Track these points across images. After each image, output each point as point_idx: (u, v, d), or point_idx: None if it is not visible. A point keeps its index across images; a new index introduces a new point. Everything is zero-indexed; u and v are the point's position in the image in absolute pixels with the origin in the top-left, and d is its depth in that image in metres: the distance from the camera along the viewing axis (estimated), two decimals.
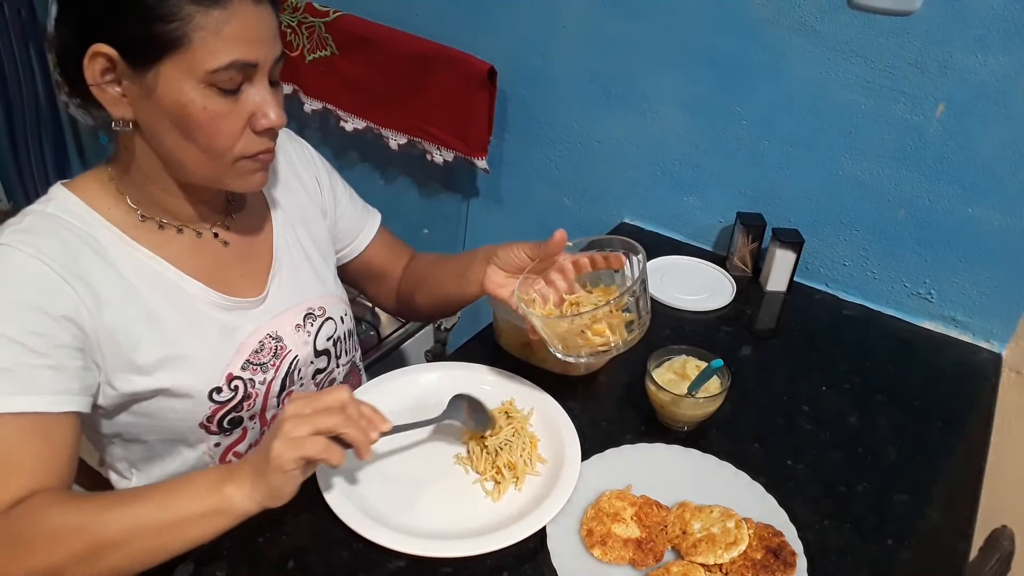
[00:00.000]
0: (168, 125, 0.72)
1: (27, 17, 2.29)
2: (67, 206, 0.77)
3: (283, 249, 0.93)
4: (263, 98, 0.74)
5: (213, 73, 0.69)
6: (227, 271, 0.86)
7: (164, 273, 0.80)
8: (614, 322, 0.85)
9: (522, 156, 1.59)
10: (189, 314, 0.81)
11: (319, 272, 0.97)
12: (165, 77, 0.69)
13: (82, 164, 2.63)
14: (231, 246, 0.87)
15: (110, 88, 0.71)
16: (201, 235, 0.85)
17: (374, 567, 0.73)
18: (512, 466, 0.84)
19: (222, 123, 0.72)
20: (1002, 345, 1.17)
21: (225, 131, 0.73)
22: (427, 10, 1.55)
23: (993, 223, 1.11)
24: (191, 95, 0.70)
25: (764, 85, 1.22)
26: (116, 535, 0.67)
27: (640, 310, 0.85)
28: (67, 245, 0.74)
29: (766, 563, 0.73)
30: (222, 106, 0.72)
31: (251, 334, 0.86)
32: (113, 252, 0.77)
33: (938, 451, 0.94)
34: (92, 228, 0.77)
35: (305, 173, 1.00)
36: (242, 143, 0.75)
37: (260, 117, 0.74)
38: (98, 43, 0.68)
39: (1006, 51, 1.01)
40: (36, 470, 0.70)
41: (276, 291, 0.90)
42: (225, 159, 0.75)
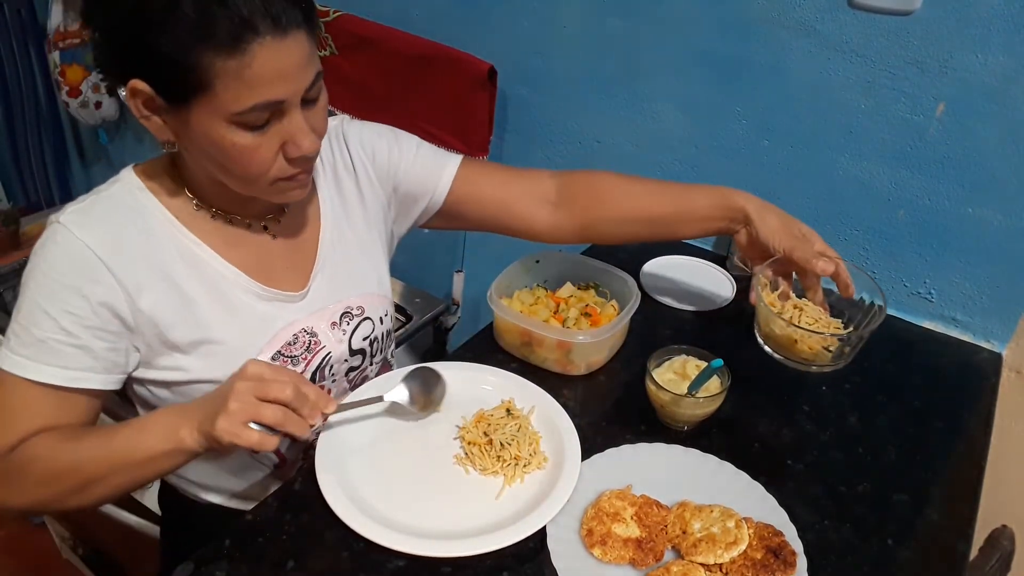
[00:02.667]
0: (206, 157, 0.76)
1: (27, 17, 2.29)
2: (129, 188, 0.82)
3: (328, 247, 0.93)
4: (295, 127, 0.74)
5: (239, 115, 0.70)
6: (271, 263, 0.88)
7: (207, 260, 0.83)
8: (823, 345, 0.89)
9: (522, 156, 1.59)
10: (226, 301, 0.84)
11: (364, 271, 0.97)
12: (196, 116, 0.71)
13: (82, 164, 2.63)
14: (278, 239, 0.90)
15: (153, 118, 0.74)
16: (251, 226, 0.88)
17: (374, 567, 0.73)
18: (518, 459, 0.84)
19: (252, 156, 0.74)
20: (1002, 345, 1.17)
21: (256, 161, 0.75)
22: (427, 10, 1.55)
23: (993, 223, 1.11)
24: (221, 132, 0.72)
25: (764, 85, 1.22)
26: (98, 472, 0.75)
27: (847, 350, 0.89)
28: (118, 230, 0.78)
29: (766, 563, 0.73)
30: (252, 141, 0.73)
31: (286, 327, 0.88)
32: (162, 236, 0.81)
33: (938, 451, 0.94)
34: (147, 211, 0.81)
35: (358, 165, 0.97)
36: (276, 168, 0.76)
37: (290, 146, 0.75)
38: (135, 80, 0.70)
39: (1006, 51, 1.01)
40: (42, 426, 0.77)
41: (316, 289, 0.91)
42: (261, 183, 0.78)
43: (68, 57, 2.10)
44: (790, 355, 0.91)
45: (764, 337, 0.93)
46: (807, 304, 0.92)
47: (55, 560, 1.98)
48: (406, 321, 1.68)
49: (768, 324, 0.91)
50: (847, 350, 0.90)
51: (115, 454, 0.75)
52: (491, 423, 0.88)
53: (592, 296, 1.11)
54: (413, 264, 1.91)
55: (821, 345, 0.89)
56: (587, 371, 1.02)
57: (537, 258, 1.13)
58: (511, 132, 1.57)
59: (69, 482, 0.76)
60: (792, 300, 0.93)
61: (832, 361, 0.90)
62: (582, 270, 1.14)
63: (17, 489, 0.76)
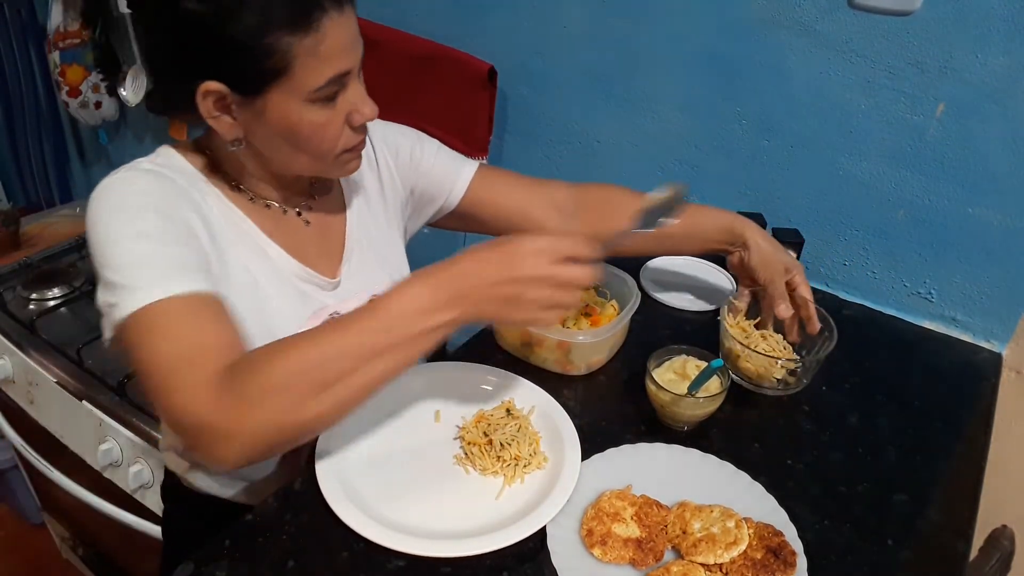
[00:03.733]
0: (279, 141, 0.79)
1: (27, 17, 2.29)
2: (172, 163, 0.82)
3: (355, 236, 0.96)
4: (357, 96, 0.79)
5: (316, 91, 0.74)
6: (307, 247, 0.90)
7: (253, 236, 0.85)
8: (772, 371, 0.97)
9: (522, 156, 1.59)
10: (273, 275, 0.86)
11: (387, 260, 1.00)
12: (272, 102, 0.74)
13: (82, 164, 2.63)
14: (312, 226, 0.92)
15: (223, 118, 0.76)
16: (286, 212, 0.90)
17: (374, 567, 0.73)
18: (518, 459, 0.84)
19: (326, 131, 0.78)
20: (1002, 345, 1.17)
21: (330, 136, 0.79)
22: (427, 10, 1.55)
23: (993, 223, 1.11)
24: (298, 114, 0.75)
25: (764, 85, 1.22)
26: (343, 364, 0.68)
27: (800, 377, 0.98)
28: (179, 186, 0.79)
29: (766, 563, 0.73)
30: (325, 116, 0.77)
31: (319, 309, 0.90)
32: (212, 207, 0.81)
33: (938, 451, 0.94)
34: (194, 184, 0.81)
35: (380, 161, 1.01)
36: (343, 140, 0.80)
37: (355, 114, 0.79)
38: (207, 81, 0.72)
39: (1006, 51, 1.01)
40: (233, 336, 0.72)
41: (348, 277, 0.94)
42: (330, 158, 0.81)
43: (68, 57, 2.10)
44: (737, 371, 1.00)
45: (722, 354, 1.00)
46: (768, 332, 1.03)
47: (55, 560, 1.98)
48: None
49: (722, 338, 1.01)
50: (792, 379, 0.98)
51: (366, 338, 0.68)
52: (491, 423, 0.88)
53: (592, 296, 1.10)
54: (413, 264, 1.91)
55: (767, 368, 0.97)
56: (587, 371, 1.02)
57: None
58: (511, 132, 1.58)
59: (310, 380, 0.67)
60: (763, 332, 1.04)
61: (781, 386, 0.99)
62: None
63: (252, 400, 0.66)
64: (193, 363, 0.67)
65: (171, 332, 0.68)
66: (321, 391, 0.67)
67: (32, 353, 1.55)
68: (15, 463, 1.89)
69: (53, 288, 1.73)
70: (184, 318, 0.69)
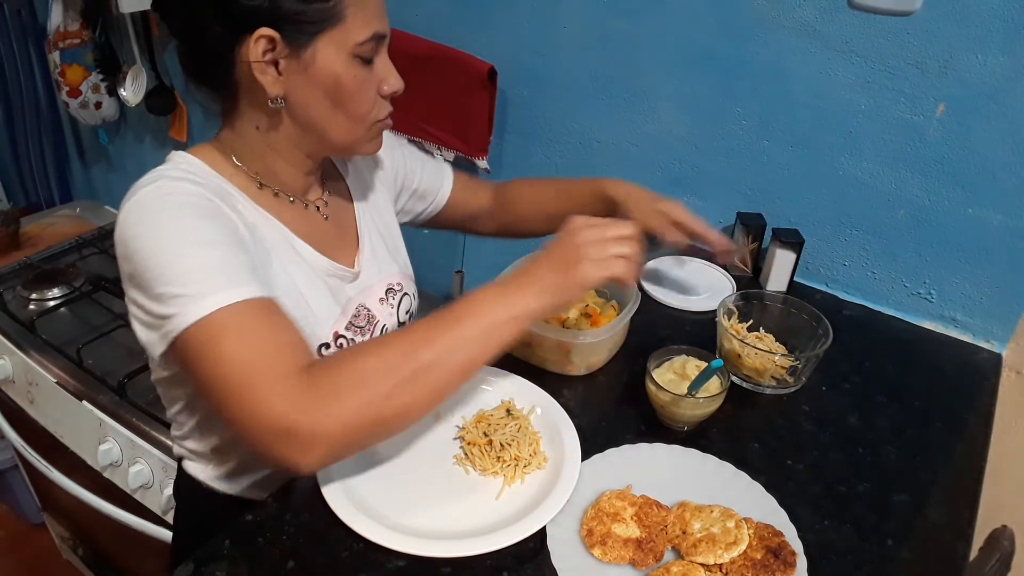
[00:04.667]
0: (320, 96, 0.80)
1: (27, 17, 2.29)
2: (191, 168, 0.81)
3: (364, 228, 0.99)
4: (387, 66, 0.84)
5: (360, 45, 0.78)
6: (329, 241, 0.92)
7: (284, 235, 0.86)
8: (769, 369, 0.99)
9: (522, 156, 1.59)
10: (306, 273, 0.87)
11: (392, 252, 1.03)
12: (322, 52, 0.77)
13: (82, 164, 2.63)
14: (329, 220, 0.94)
15: (269, 69, 0.77)
16: (307, 207, 0.92)
17: (374, 567, 0.73)
18: (518, 459, 0.84)
19: (366, 91, 0.82)
20: (1002, 345, 1.17)
21: (368, 98, 0.82)
22: (427, 10, 1.55)
23: (993, 223, 1.11)
24: (344, 65, 0.78)
25: (764, 85, 1.22)
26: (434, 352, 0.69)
27: (798, 376, 1.00)
28: (208, 189, 0.78)
29: (766, 563, 0.73)
30: (364, 75, 0.81)
31: (348, 301, 0.92)
32: (241, 207, 0.82)
33: (938, 451, 0.94)
34: (221, 187, 0.82)
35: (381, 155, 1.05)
36: (376, 108, 0.84)
37: (384, 84, 0.83)
38: (263, 28, 0.74)
39: (1006, 51, 1.01)
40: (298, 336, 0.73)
41: (365, 267, 0.96)
42: (364, 123, 0.84)
43: (68, 57, 2.10)
44: (736, 371, 1.01)
45: (721, 355, 1.01)
46: (764, 335, 1.05)
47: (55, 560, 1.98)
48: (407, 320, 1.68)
49: (720, 339, 1.02)
50: (791, 378, 1.00)
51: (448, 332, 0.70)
52: (491, 423, 0.88)
53: (592, 296, 1.11)
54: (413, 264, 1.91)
55: (766, 366, 0.98)
56: (587, 371, 1.02)
57: None
58: (511, 132, 1.58)
59: (400, 371, 0.68)
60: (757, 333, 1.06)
61: (780, 386, 1.00)
62: None
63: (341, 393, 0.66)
64: (270, 367, 0.66)
65: (243, 338, 0.67)
66: (407, 382, 0.68)
67: (32, 353, 1.56)
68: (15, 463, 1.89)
69: (53, 288, 1.73)
70: (253, 323, 0.69)
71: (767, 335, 1.05)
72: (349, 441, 0.68)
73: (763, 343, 1.03)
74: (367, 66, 0.81)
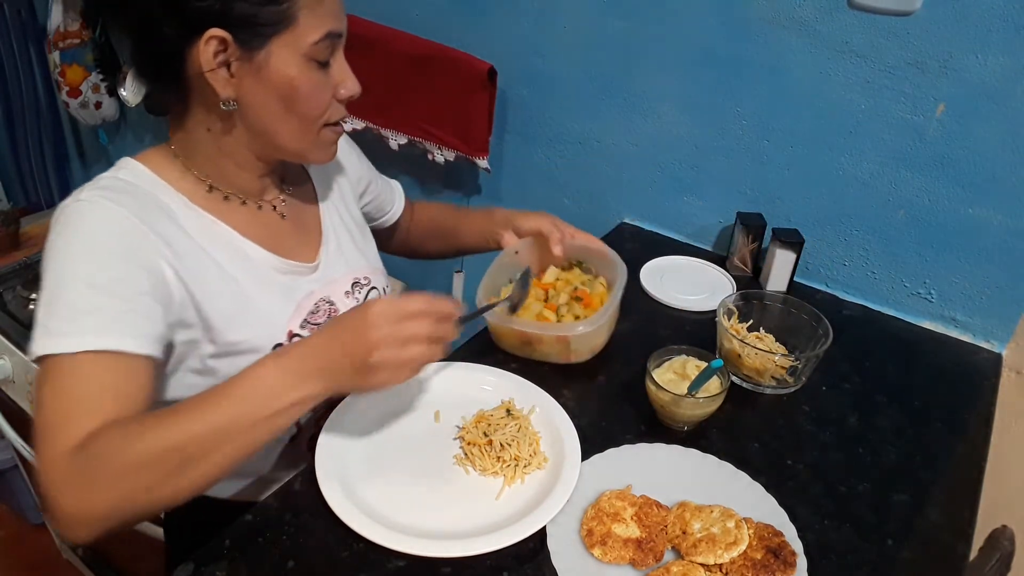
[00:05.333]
0: (273, 99, 0.79)
1: (27, 17, 2.29)
2: (136, 174, 0.82)
3: (329, 224, 0.99)
4: (343, 69, 0.83)
5: (315, 46, 0.77)
6: (284, 239, 0.91)
7: (227, 236, 0.85)
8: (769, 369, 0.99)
9: (522, 156, 1.59)
10: (253, 273, 0.86)
11: (360, 246, 1.03)
12: (275, 55, 0.76)
13: (82, 164, 2.64)
14: (287, 218, 0.93)
15: (220, 71, 0.76)
16: (261, 207, 0.91)
17: (374, 567, 0.73)
18: (518, 459, 0.84)
19: (320, 93, 0.81)
20: (1002, 345, 1.17)
21: (322, 101, 0.81)
22: (427, 10, 1.55)
23: (993, 223, 1.11)
24: (296, 67, 0.78)
25: (764, 85, 1.22)
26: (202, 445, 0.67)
27: (798, 376, 1.00)
28: (142, 201, 0.78)
29: (766, 563, 0.73)
30: (319, 77, 0.80)
31: (306, 297, 0.91)
32: (181, 216, 0.81)
33: (938, 451, 0.94)
34: (161, 194, 0.81)
35: (343, 158, 1.06)
36: (329, 111, 0.83)
37: (341, 88, 0.83)
38: (214, 28, 0.73)
39: (1006, 51, 1.01)
40: (112, 407, 0.69)
41: (326, 260, 0.96)
42: (315, 128, 0.83)
43: (68, 57, 2.10)
44: (736, 371, 1.01)
45: (721, 355, 1.02)
46: (765, 335, 1.05)
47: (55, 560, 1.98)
48: None
49: (721, 339, 1.02)
50: (791, 378, 1.00)
51: (223, 419, 0.68)
52: (491, 423, 0.88)
53: (578, 276, 1.10)
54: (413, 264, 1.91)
55: (766, 365, 0.98)
56: (591, 355, 1.02)
57: (516, 249, 1.11)
58: (511, 132, 1.58)
59: (165, 465, 0.66)
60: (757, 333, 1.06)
61: (780, 386, 1.01)
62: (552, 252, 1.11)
63: (99, 485, 0.65)
64: (56, 434, 0.67)
65: (57, 391, 0.69)
66: (173, 475, 0.67)
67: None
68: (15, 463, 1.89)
69: None
70: (76, 378, 0.69)
71: (767, 335, 1.05)
72: (114, 523, 0.67)
73: (763, 343, 1.03)
74: (323, 68, 0.80)
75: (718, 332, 1.02)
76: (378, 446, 0.87)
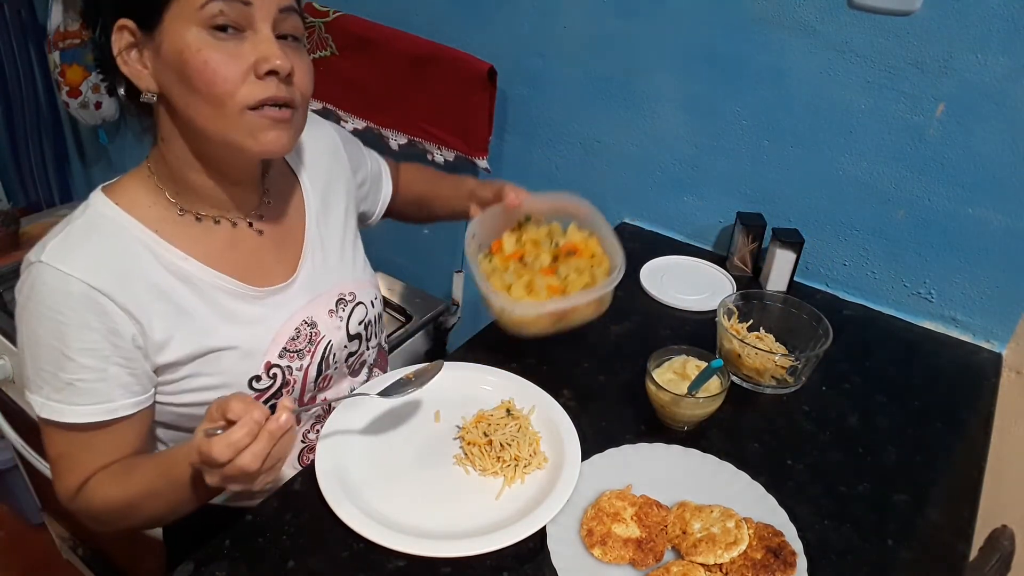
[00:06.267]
0: (174, 79, 0.74)
1: (27, 17, 2.29)
2: (103, 212, 0.80)
3: (314, 235, 0.95)
4: (266, 41, 0.74)
5: (202, 9, 0.71)
6: (261, 260, 0.89)
7: (196, 273, 0.82)
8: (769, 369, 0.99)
9: (522, 156, 1.59)
10: (222, 310, 0.84)
11: (349, 257, 1.00)
12: (168, 30, 0.73)
13: (82, 164, 2.64)
14: (266, 235, 0.90)
15: (133, 62, 0.75)
16: (236, 225, 0.87)
17: (374, 567, 0.73)
18: (518, 459, 0.84)
19: (218, 67, 0.72)
20: (1002, 345, 1.17)
21: (222, 75, 0.73)
22: (427, 10, 1.55)
23: (993, 223, 1.11)
24: (189, 40, 0.72)
25: (764, 85, 1.22)
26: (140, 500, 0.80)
27: (798, 376, 1.00)
28: (101, 255, 0.77)
29: (766, 563, 0.73)
30: (218, 50, 0.72)
31: (286, 322, 0.89)
32: (144, 255, 0.80)
33: (938, 451, 0.94)
34: (125, 232, 0.79)
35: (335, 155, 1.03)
36: (245, 89, 0.74)
37: (260, 63, 0.74)
38: (121, 19, 0.73)
39: (1006, 51, 1.01)
40: (105, 457, 0.81)
41: (306, 275, 0.92)
42: (228, 108, 0.74)
43: (68, 57, 2.10)
44: (736, 371, 1.01)
45: (721, 355, 1.01)
46: (765, 335, 1.05)
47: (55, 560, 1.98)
48: (406, 321, 1.68)
49: (720, 339, 1.02)
50: (791, 378, 1.00)
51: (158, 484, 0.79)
52: (491, 423, 0.88)
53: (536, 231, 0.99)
54: (413, 264, 1.91)
55: (766, 366, 0.98)
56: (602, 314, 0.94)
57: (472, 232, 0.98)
58: (511, 132, 1.58)
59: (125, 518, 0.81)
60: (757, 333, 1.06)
61: (780, 386, 1.00)
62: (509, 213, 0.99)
63: (95, 520, 0.83)
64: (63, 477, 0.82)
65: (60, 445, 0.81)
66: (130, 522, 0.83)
67: None
68: (15, 463, 1.89)
69: None
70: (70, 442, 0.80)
71: (767, 335, 1.05)
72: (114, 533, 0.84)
73: (763, 343, 1.03)
74: (225, 40, 0.73)
75: (718, 332, 1.02)
76: (378, 446, 0.87)
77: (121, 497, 0.79)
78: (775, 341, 1.04)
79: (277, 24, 0.75)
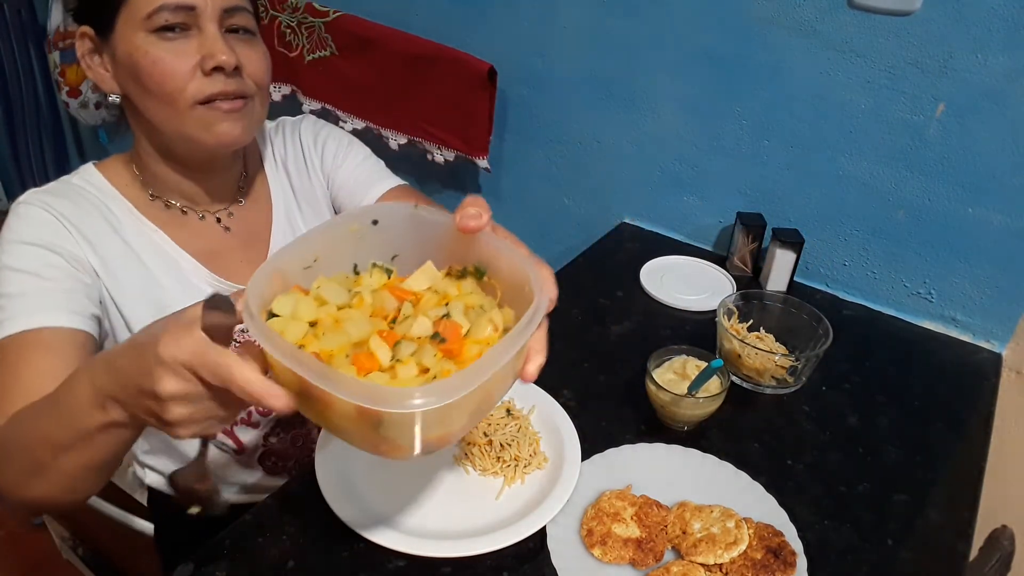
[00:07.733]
0: (131, 81, 0.79)
1: (27, 17, 2.29)
2: (89, 179, 0.86)
3: (281, 240, 0.96)
4: (212, 39, 0.78)
5: (149, 18, 0.75)
6: (227, 256, 0.90)
7: (165, 247, 0.86)
8: (769, 369, 0.99)
9: (522, 156, 1.59)
10: (186, 284, 0.87)
11: None
12: (120, 35, 0.77)
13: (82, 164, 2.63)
14: (232, 232, 0.92)
15: (96, 66, 0.81)
16: (204, 218, 0.90)
17: (374, 567, 0.73)
18: (518, 459, 0.84)
19: (166, 66, 0.77)
20: (1002, 345, 1.17)
21: (170, 73, 0.77)
22: (427, 10, 1.55)
23: (993, 223, 1.11)
24: (138, 43, 0.77)
25: (764, 85, 1.22)
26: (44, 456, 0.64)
27: (798, 376, 1.00)
28: (80, 209, 0.82)
29: (766, 563, 0.73)
30: (166, 50, 0.77)
31: None
32: (122, 221, 0.84)
33: (938, 451, 0.94)
34: (107, 199, 0.85)
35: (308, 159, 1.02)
36: (194, 85, 0.78)
37: (207, 59, 0.77)
38: (83, 26, 0.80)
39: (1006, 51, 1.01)
40: (44, 385, 0.66)
41: None
42: (179, 104, 0.78)
43: (68, 57, 2.10)
44: (736, 371, 1.01)
45: (721, 355, 1.02)
46: (764, 335, 1.05)
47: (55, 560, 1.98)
48: None
49: (721, 339, 1.02)
50: (791, 378, 1.00)
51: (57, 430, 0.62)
52: (491, 423, 0.88)
53: (466, 292, 0.62)
54: None
55: (766, 366, 0.98)
56: (424, 453, 0.56)
57: (374, 218, 0.65)
58: (511, 132, 1.58)
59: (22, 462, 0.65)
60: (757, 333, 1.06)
61: (780, 386, 1.01)
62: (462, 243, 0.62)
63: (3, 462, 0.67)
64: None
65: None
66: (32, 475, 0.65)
67: None
68: None
69: None
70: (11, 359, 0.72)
71: (767, 335, 1.05)
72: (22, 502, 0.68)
73: (763, 343, 1.03)
74: (172, 41, 0.76)
75: (718, 332, 1.02)
76: None
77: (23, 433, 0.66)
78: (775, 341, 1.04)
79: (224, 21, 0.79)
